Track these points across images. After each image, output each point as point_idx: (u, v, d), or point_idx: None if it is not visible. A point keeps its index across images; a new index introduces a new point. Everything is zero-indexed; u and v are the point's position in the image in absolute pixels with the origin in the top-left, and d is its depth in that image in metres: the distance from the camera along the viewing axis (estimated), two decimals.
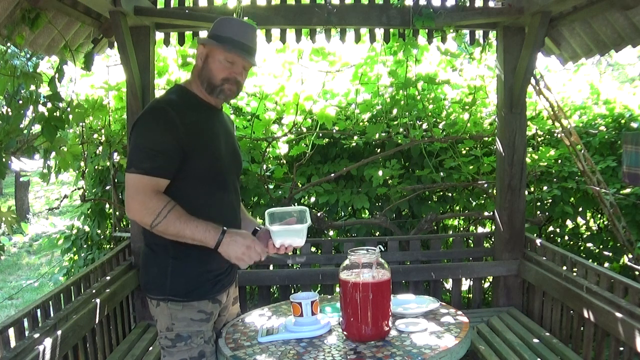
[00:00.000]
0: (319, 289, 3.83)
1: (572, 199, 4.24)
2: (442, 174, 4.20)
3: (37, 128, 3.04)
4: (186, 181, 1.82)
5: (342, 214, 4.37)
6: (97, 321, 2.67)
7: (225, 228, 1.79)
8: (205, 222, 1.78)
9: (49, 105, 2.90)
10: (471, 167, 4.14)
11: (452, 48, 4.10)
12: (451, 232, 4.56)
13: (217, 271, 1.92)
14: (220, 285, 1.93)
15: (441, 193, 4.42)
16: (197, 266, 1.87)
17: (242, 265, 1.82)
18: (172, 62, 4.14)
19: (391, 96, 4.17)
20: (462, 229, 4.59)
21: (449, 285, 4.13)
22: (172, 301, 1.84)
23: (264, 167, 4.14)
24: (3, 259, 7.73)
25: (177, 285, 1.84)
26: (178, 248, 1.84)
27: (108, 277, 2.96)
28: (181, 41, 3.61)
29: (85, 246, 4.24)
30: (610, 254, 4.22)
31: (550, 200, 4.18)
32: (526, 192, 3.68)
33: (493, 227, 3.88)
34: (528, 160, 3.87)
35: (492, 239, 3.89)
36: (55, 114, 2.90)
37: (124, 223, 4.04)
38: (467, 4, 3.45)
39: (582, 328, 2.85)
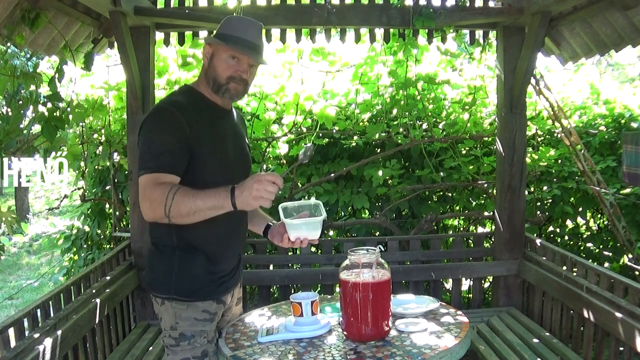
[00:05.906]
0: (319, 289, 3.83)
1: (572, 199, 4.24)
2: (442, 174, 4.19)
3: (37, 128, 3.04)
4: (192, 182, 1.81)
5: (342, 214, 4.37)
6: (97, 321, 2.68)
7: (233, 186, 1.69)
8: (213, 189, 1.71)
9: (49, 105, 2.90)
10: (471, 167, 4.13)
11: (452, 48, 4.10)
12: (451, 232, 4.56)
13: (222, 272, 1.92)
14: (224, 286, 1.93)
15: (441, 193, 4.42)
16: (203, 267, 1.86)
17: (266, 204, 1.68)
18: (172, 62, 4.14)
19: (391, 96, 4.17)
20: (462, 229, 4.59)
21: (449, 285, 4.13)
22: (177, 300, 1.84)
23: (264, 167, 4.13)
24: (3, 259, 7.73)
25: (183, 284, 1.84)
26: (185, 248, 1.84)
27: (108, 277, 2.96)
28: (181, 41, 3.61)
29: (85, 246, 4.24)
30: (610, 254, 4.22)
31: (550, 200, 4.18)
32: (526, 192, 3.68)
33: (493, 227, 3.88)
34: (528, 160, 3.87)
35: (492, 239, 3.88)
36: (55, 114, 2.90)
37: (124, 223, 4.04)
38: (467, 4, 3.45)
39: (582, 328, 2.85)
